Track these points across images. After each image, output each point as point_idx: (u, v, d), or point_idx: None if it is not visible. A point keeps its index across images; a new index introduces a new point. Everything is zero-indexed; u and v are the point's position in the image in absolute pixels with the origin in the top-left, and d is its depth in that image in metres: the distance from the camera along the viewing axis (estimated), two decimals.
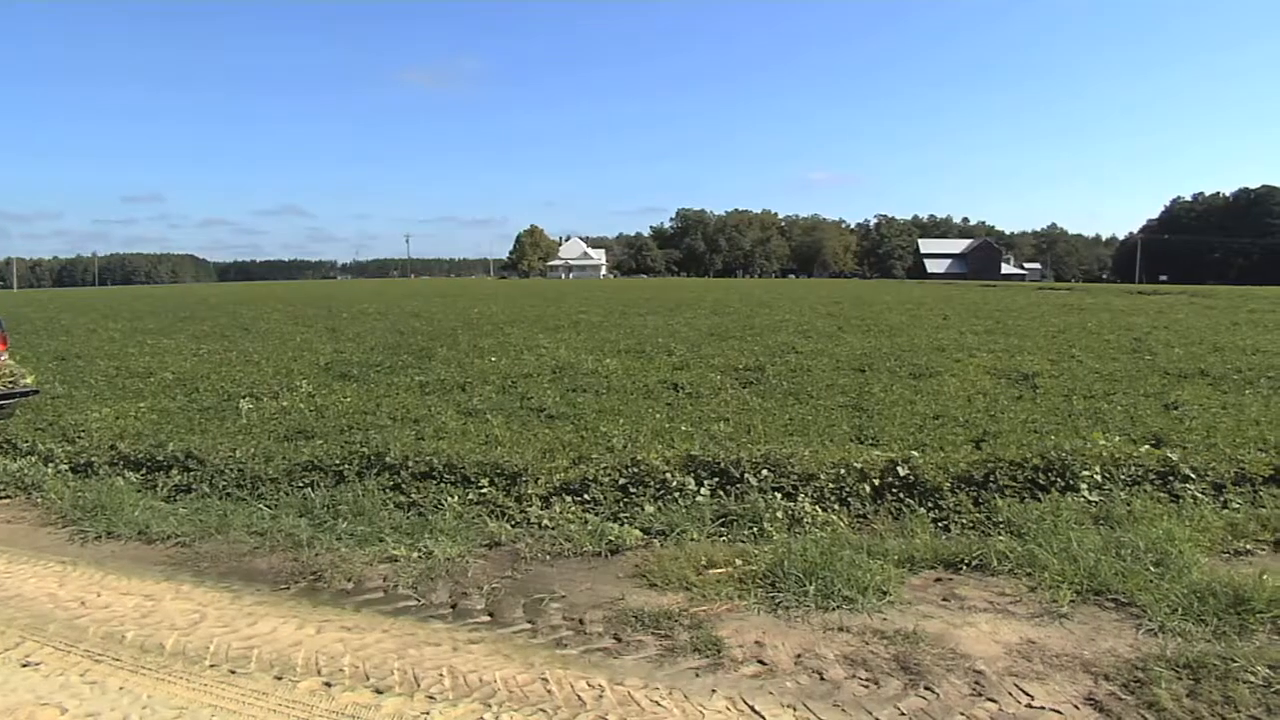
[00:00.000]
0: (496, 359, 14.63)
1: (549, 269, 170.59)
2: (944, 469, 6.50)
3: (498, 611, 4.83)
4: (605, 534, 5.82)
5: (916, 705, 3.77)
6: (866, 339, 18.65)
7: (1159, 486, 6.51)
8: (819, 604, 4.79)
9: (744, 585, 5.05)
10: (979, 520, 6.01)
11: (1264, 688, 3.81)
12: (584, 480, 6.58)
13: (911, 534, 5.79)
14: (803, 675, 4.05)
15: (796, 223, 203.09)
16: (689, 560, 5.37)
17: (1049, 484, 6.44)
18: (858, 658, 4.21)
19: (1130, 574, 4.98)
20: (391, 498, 6.58)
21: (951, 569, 5.32)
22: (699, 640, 4.38)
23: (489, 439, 7.93)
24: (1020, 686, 3.92)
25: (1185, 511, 6.10)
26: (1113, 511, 6.00)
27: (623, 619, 4.66)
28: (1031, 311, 30.29)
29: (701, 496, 6.33)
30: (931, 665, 4.12)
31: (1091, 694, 3.84)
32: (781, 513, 6.03)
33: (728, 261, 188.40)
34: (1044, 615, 4.68)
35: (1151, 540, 5.40)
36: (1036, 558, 5.26)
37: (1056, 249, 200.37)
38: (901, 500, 6.28)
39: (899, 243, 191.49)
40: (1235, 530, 5.81)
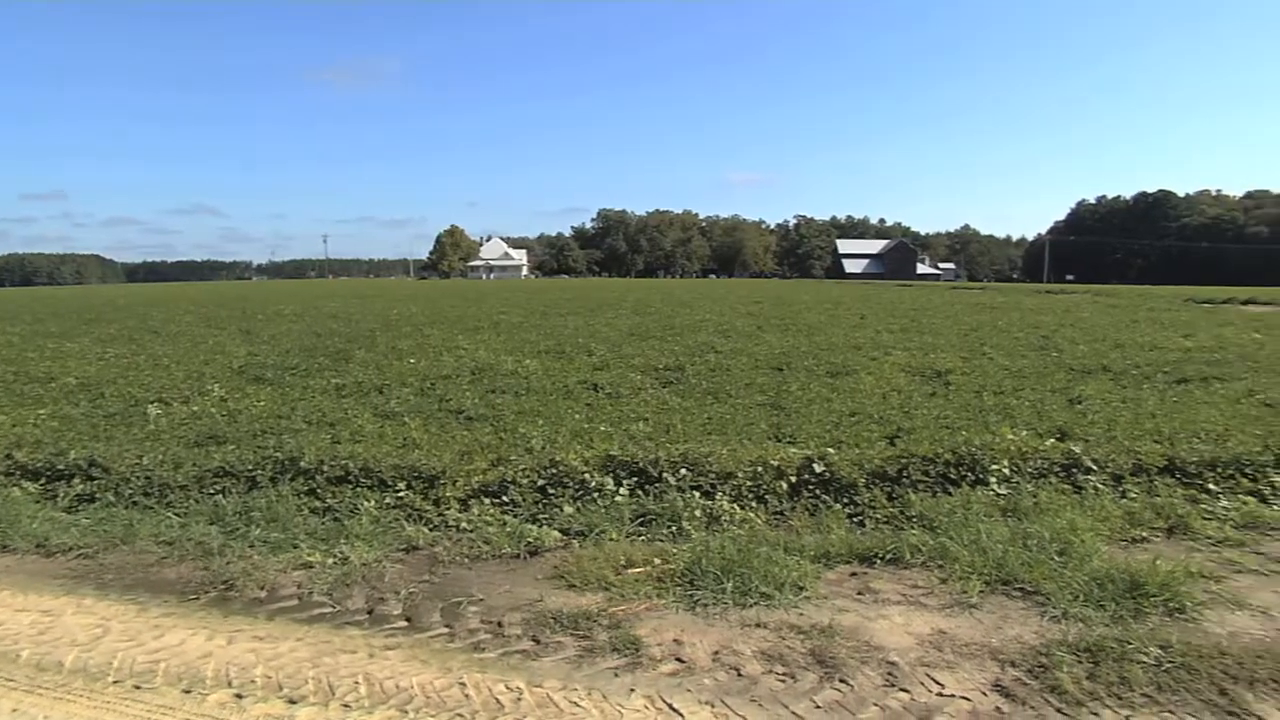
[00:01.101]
0: (415, 361, 14.45)
1: (470, 269, 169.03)
2: (859, 465, 6.61)
3: (415, 616, 4.77)
4: (524, 536, 5.79)
5: (831, 698, 3.83)
6: (785, 338, 18.89)
7: (1063, 478, 6.73)
8: (737, 601, 4.84)
9: (662, 584, 5.07)
10: (893, 515, 6.14)
11: (1155, 667, 3.99)
12: (503, 482, 6.54)
13: (827, 530, 5.88)
14: (720, 672, 4.09)
15: (717, 223, 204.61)
16: (608, 560, 5.37)
17: (960, 478, 6.61)
18: (774, 653, 4.26)
19: (1036, 564, 5.14)
20: (306, 503, 6.44)
21: (866, 563, 5.42)
22: (618, 640, 4.39)
23: (406, 442, 7.83)
24: (931, 675, 4.02)
25: (1087, 502, 6.33)
26: (1020, 503, 6.19)
27: (541, 621, 4.64)
28: (945, 310, 31.03)
29: (620, 496, 6.34)
30: (846, 658, 4.19)
31: (998, 680, 3.96)
32: (700, 511, 6.07)
33: (649, 262, 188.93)
34: (954, 606, 4.80)
35: (1056, 530, 5.59)
36: (948, 550, 5.40)
37: (970, 249, 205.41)
38: (818, 497, 6.38)
39: (818, 243, 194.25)
40: (1132, 519, 6.06)
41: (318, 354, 15.80)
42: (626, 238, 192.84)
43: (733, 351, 15.68)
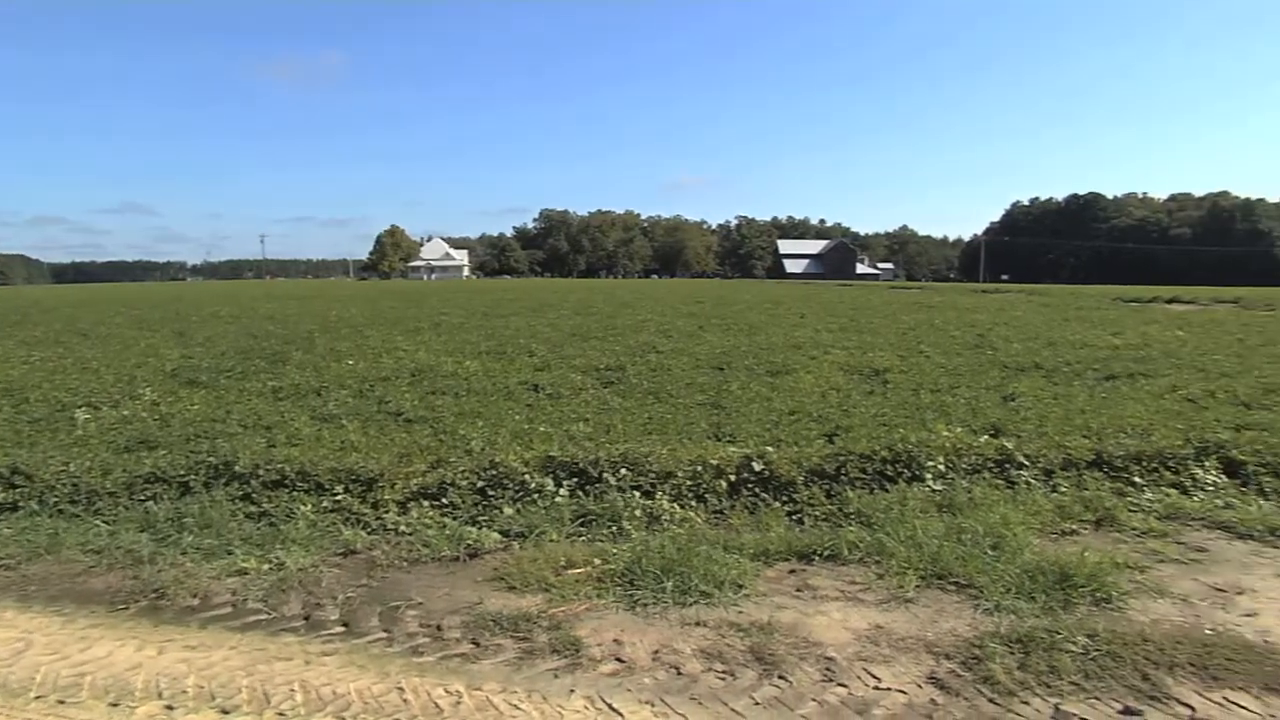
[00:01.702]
0: (354, 362, 14.25)
1: (410, 270, 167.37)
2: (798, 463, 6.69)
3: (353, 621, 4.71)
4: (463, 538, 5.76)
5: (770, 694, 3.87)
6: (726, 338, 19.00)
7: (997, 474, 6.88)
8: (676, 600, 4.86)
9: (603, 584, 5.08)
10: (831, 512, 6.21)
11: (1083, 655, 4.12)
12: (442, 484, 6.49)
13: (767, 528, 5.94)
14: (660, 671, 4.11)
15: (659, 223, 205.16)
16: (548, 561, 5.36)
17: (897, 475, 6.72)
18: (714, 651, 4.29)
19: (970, 558, 5.25)
20: (241, 508, 6.31)
21: (805, 560, 5.48)
22: (558, 641, 4.39)
23: (344, 444, 7.73)
24: (868, 670, 4.09)
25: (1020, 497, 6.48)
26: (955, 499, 6.31)
27: (481, 623, 4.62)
28: (884, 310, 31.46)
29: (561, 497, 6.33)
30: (785, 654, 4.24)
31: (933, 673, 4.05)
32: (640, 511, 6.09)
33: (591, 262, 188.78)
34: (891, 601, 4.88)
35: (989, 525, 5.72)
36: (885, 546, 5.49)
37: (908, 250, 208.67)
38: (757, 495, 6.44)
39: (759, 243, 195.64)
40: (1062, 512, 6.22)
41: (254, 356, 15.49)
42: (569, 238, 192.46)
43: (674, 351, 15.73)
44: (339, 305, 37.67)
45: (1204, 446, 7.29)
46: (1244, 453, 7.15)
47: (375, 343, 17.93)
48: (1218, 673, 4.00)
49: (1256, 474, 6.96)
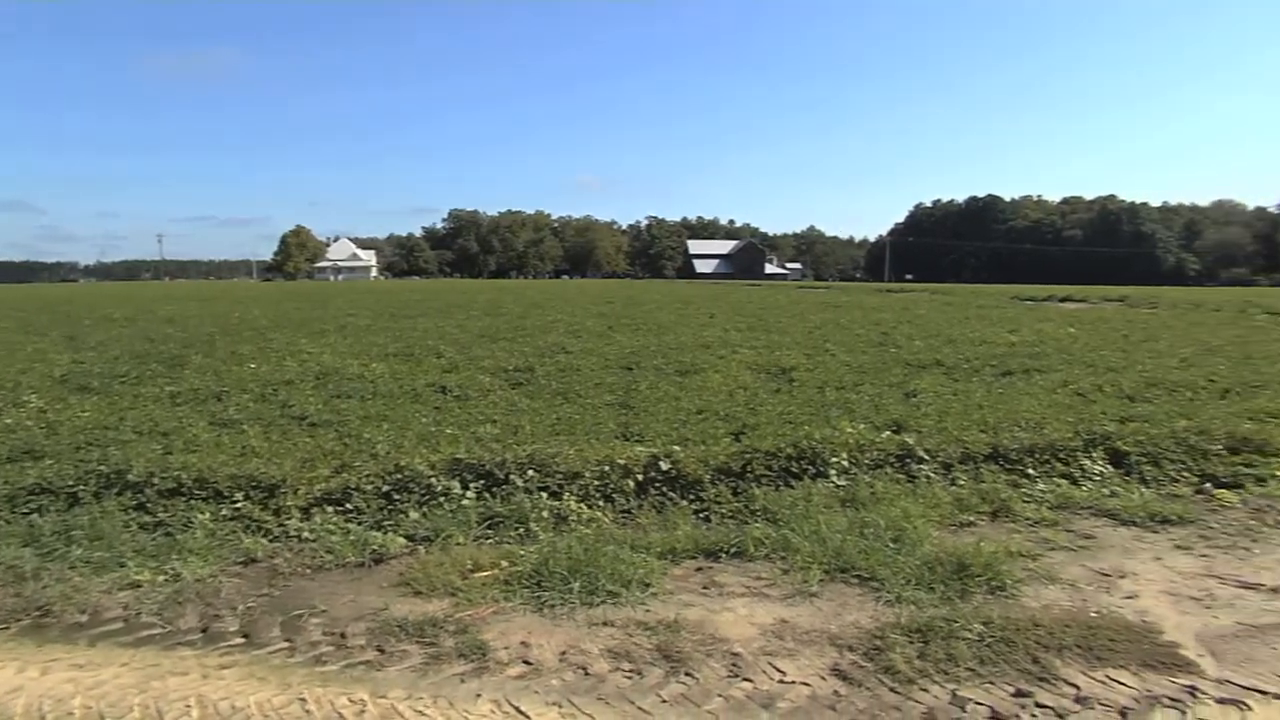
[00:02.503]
0: (256, 366, 13.87)
1: (316, 271, 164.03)
2: (705, 462, 6.74)
3: (253, 632, 4.58)
4: (369, 543, 5.66)
5: (677, 691, 3.90)
6: (635, 338, 19.05)
7: (898, 469, 7.05)
8: (584, 600, 4.86)
9: (510, 587, 5.04)
10: (738, 509, 6.28)
11: (979, 642, 4.26)
12: (346, 489, 6.36)
13: (674, 526, 5.97)
14: (568, 672, 4.10)
15: (570, 224, 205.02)
16: (454, 565, 5.31)
17: (802, 471, 6.82)
18: (621, 650, 4.30)
19: (872, 551, 5.36)
20: (135, 519, 6.07)
21: (711, 557, 5.53)
22: (464, 645, 4.34)
23: (245, 450, 7.52)
24: (773, 664, 4.14)
25: (920, 490, 6.65)
26: (858, 494, 6.44)
27: (386, 629, 4.54)
28: (791, 309, 31.96)
29: (467, 500, 6.26)
30: (692, 651, 4.27)
31: (837, 665, 4.12)
32: (547, 512, 6.07)
33: (501, 262, 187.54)
34: (796, 595, 4.95)
35: (891, 519, 5.85)
36: (790, 542, 5.57)
37: (815, 250, 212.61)
38: (664, 494, 6.47)
39: (669, 243, 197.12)
40: (961, 504, 6.42)
41: (150, 360, 14.94)
42: (478, 238, 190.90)
43: (583, 351, 15.72)
44: (241, 307, 36.63)
45: (1092, 438, 7.60)
46: (1127, 443, 7.48)
47: (279, 345, 17.48)
48: (1101, 653, 4.20)
49: (1138, 463, 7.30)
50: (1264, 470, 7.27)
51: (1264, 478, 7.17)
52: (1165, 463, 7.36)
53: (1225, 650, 4.29)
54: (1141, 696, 3.82)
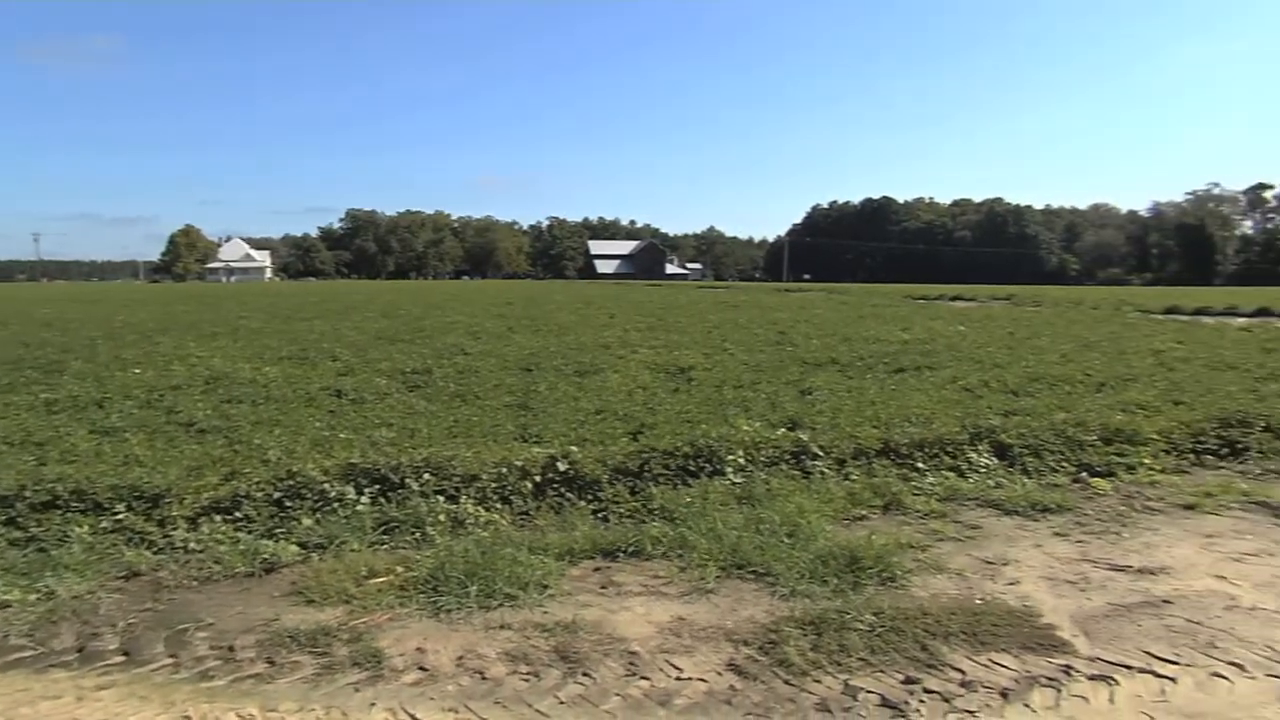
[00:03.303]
0: (141, 371, 13.31)
1: (208, 272, 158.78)
2: (603, 462, 6.75)
3: (135, 650, 4.37)
4: (259, 552, 5.49)
5: (575, 692, 3.90)
6: (535, 338, 18.96)
7: (793, 465, 7.17)
8: (481, 604, 4.81)
9: (406, 592, 4.96)
10: (636, 508, 6.30)
11: (870, 632, 4.37)
12: (236, 497, 6.16)
13: (572, 527, 5.96)
14: (464, 677, 4.06)
15: (470, 224, 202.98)
16: (349, 572, 5.19)
17: (699, 470, 6.88)
18: (519, 653, 4.28)
19: (768, 547, 5.45)
20: (4, 534, 5.75)
21: (610, 557, 5.54)
22: (358, 653, 4.25)
23: (128, 459, 7.21)
24: (670, 661, 4.18)
25: (814, 486, 6.77)
26: (754, 491, 6.53)
27: (277, 641, 4.42)
28: (691, 309, 32.25)
29: (362, 505, 6.13)
30: (590, 652, 4.27)
31: (733, 660, 4.18)
32: (444, 516, 5.99)
33: (400, 263, 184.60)
34: (693, 593, 5.00)
35: (786, 514, 5.95)
36: (687, 539, 5.62)
37: (716, 250, 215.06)
38: (563, 495, 6.45)
39: (570, 244, 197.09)
40: (853, 499, 6.56)
41: (25, 366, 14.20)
42: (376, 238, 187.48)
43: (482, 353, 15.58)
44: (127, 309, 35.13)
45: (978, 432, 7.86)
46: (1011, 436, 7.76)
47: (166, 349, 16.83)
48: (985, 638, 4.36)
49: (1021, 455, 7.59)
50: (1134, 459, 7.67)
51: (1134, 466, 7.57)
52: (1045, 454, 7.67)
53: (1097, 630, 4.53)
54: (1021, 677, 3.98)
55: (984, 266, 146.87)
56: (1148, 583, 5.19)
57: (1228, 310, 36.04)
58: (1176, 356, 15.13)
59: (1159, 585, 5.15)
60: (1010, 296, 45.30)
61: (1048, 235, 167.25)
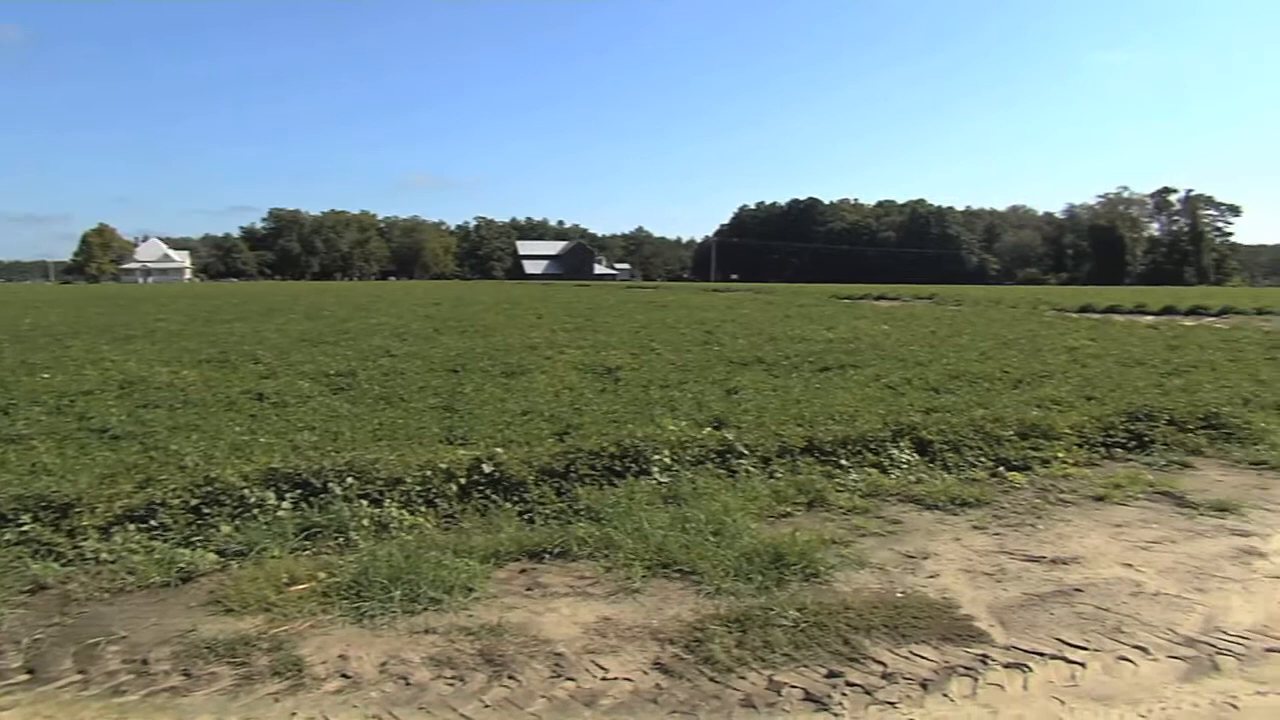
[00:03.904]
0: (51, 375, 12.82)
1: (123, 273, 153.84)
2: (529, 463, 6.71)
3: (40, 666, 4.19)
4: (175, 561, 5.32)
5: (500, 695, 3.87)
6: (462, 340, 18.81)
7: (719, 464, 7.21)
8: (405, 609, 4.75)
9: (328, 598, 4.87)
10: (562, 509, 6.27)
11: (793, 628, 4.43)
12: (151, 505, 5.96)
13: (498, 529, 5.91)
14: (388, 683, 4.00)
15: (396, 224, 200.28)
16: (269, 579, 5.07)
17: (625, 469, 6.88)
18: (443, 657, 4.23)
19: (693, 545, 5.47)
20: None
21: (536, 559, 5.51)
22: (279, 662, 4.16)
23: (35, 468, 6.96)
24: (596, 661, 4.17)
25: (740, 484, 6.82)
26: (680, 490, 6.55)
27: (194, 652, 4.29)
28: (619, 309, 32.32)
29: (283, 511, 5.99)
30: (515, 654, 4.24)
31: (658, 658, 4.19)
32: (368, 520, 5.88)
33: (325, 264, 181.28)
34: (619, 592, 5.00)
35: (711, 513, 5.99)
36: (613, 540, 5.62)
37: (644, 250, 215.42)
38: (488, 497, 6.39)
39: (498, 244, 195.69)
40: (778, 496, 6.63)
41: None
42: (301, 239, 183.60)
43: (408, 355, 15.40)
44: (36, 311, 33.92)
45: (899, 429, 8.00)
46: (931, 433, 7.93)
47: (78, 353, 16.24)
48: (905, 630, 4.46)
49: (941, 451, 7.75)
50: (1048, 453, 7.90)
51: (1048, 460, 7.80)
52: (965, 449, 7.85)
53: (1012, 619, 4.65)
54: (940, 668, 4.08)
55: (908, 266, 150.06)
56: (1060, 572, 5.36)
57: (1137, 308, 37.61)
58: (1089, 353, 15.70)
59: (1071, 574, 5.32)
60: (933, 296, 46.39)
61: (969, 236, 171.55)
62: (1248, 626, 4.59)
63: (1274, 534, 6.12)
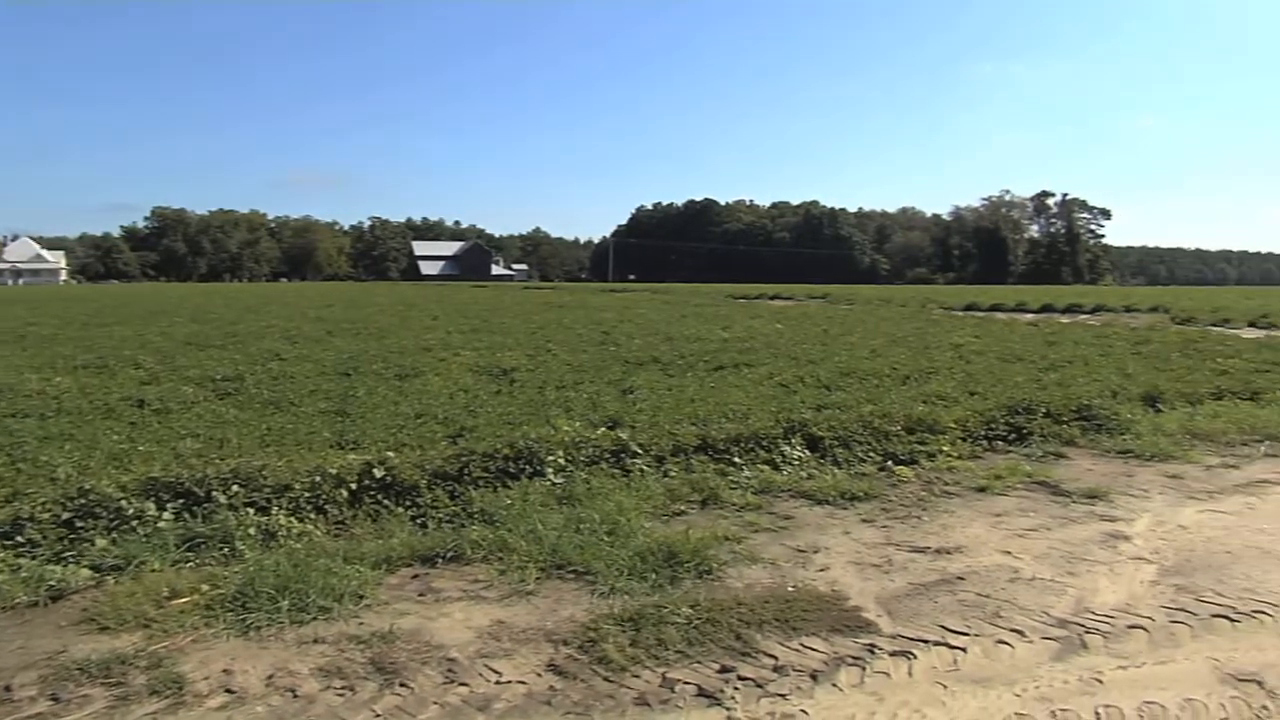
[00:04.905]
0: None
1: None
2: (421, 466, 6.61)
3: None
4: (45, 579, 5.04)
5: (392, 704, 3.80)
6: (355, 342, 18.46)
7: (613, 464, 7.22)
8: (293, 619, 4.62)
9: (212, 611, 4.69)
10: (455, 513, 6.19)
11: (687, 625, 4.46)
12: (17, 519, 5.64)
13: (390, 534, 5.80)
14: (275, 696, 3.88)
15: (288, 224, 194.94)
16: (148, 594, 4.86)
17: (519, 471, 6.84)
18: (333, 667, 4.13)
19: (587, 546, 5.47)
20: None
21: (428, 564, 5.43)
22: (158, 680, 3.98)
23: None
24: (490, 666, 4.13)
25: (634, 484, 6.84)
26: (574, 490, 6.54)
27: (64, 675, 4.06)
28: (516, 310, 32.17)
29: (164, 522, 5.75)
30: (407, 661, 4.18)
31: (553, 660, 4.17)
32: (254, 529, 5.69)
33: (213, 265, 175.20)
34: (513, 595, 4.96)
35: (606, 513, 5.99)
36: (507, 542, 5.58)
37: (542, 251, 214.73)
38: (380, 502, 6.27)
39: (394, 245, 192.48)
40: (672, 495, 6.68)
41: None
42: (186, 239, 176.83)
43: (299, 358, 15.03)
44: None
45: (791, 426, 8.16)
46: (822, 429, 8.11)
47: None
48: (796, 623, 4.55)
49: (832, 447, 7.94)
50: (934, 446, 8.17)
51: (934, 453, 8.06)
52: (854, 445, 8.04)
53: (899, 609, 4.80)
54: (830, 658, 4.17)
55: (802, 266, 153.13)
56: (944, 562, 5.55)
57: (1018, 307, 39.27)
58: (973, 350, 16.31)
59: (954, 563, 5.51)
60: (826, 295, 47.52)
61: (861, 237, 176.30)
62: (1113, 606, 4.84)
63: (1138, 518, 6.48)
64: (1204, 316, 30.75)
